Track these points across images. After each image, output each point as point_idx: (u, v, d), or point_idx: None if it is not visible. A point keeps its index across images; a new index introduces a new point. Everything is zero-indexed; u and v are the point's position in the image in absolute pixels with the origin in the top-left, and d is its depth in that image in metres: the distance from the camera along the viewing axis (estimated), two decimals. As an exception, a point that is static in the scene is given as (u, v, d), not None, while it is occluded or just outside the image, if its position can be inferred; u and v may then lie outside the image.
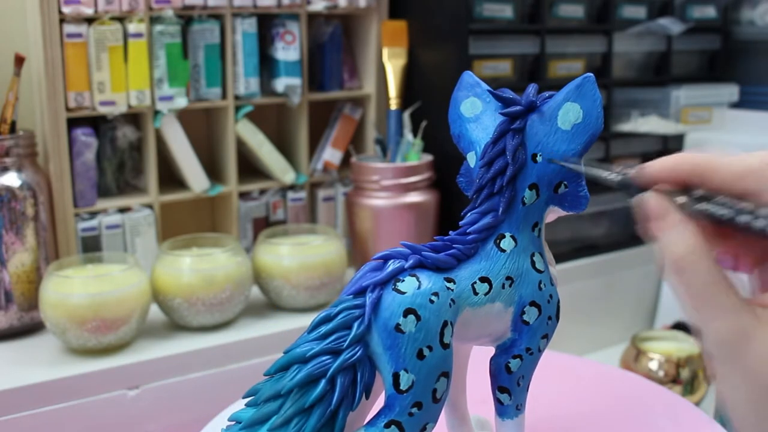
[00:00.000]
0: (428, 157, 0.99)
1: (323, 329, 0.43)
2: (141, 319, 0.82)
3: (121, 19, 0.88)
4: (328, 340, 0.43)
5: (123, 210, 0.92)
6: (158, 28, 0.89)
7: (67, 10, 0.84)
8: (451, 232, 0.48)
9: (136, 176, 0.97)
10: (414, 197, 0.96)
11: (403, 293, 0.43)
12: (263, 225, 1.01)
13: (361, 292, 0.44)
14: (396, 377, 0.42)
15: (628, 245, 1.13)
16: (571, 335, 1.05)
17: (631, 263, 1.12)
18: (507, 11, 0.98)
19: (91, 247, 0.90)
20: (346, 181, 1.06)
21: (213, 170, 1.01)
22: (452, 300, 0.45)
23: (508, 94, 0.50)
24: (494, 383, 0.50)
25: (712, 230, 0.38)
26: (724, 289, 0.35)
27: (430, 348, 0.43)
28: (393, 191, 0.95)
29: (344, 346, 0.42)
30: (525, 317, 0.48)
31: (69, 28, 0.85)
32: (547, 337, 0.49)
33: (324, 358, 0.42)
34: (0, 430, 0.73)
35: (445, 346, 0.43)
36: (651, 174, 0.40)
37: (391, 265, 0.44)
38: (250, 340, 0.84)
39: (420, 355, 0.42)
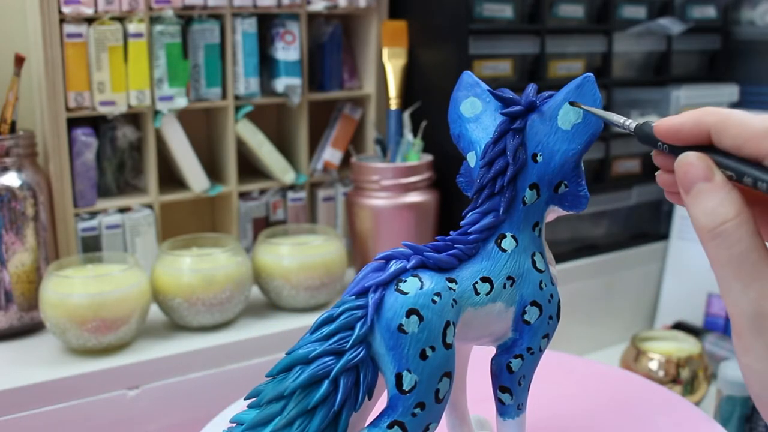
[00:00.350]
0: (428, 157, 0.99)
1: (326, 330, 0.43)
2: (141, 319, 0.82)
3: (121, 19, 0.88)
4: (330, 341, 0.43)
5: (123, 210, 0.92)
6: (158, 28, 0.89)
7: (67, 10, 0.84)
8: (451, 232, 0.48)
9: (136, 176, 0.97)
10: (414, 197, 0.96)
11: (406, 293, 0.43)
12: (263, 225, 1.01)
13: (363, 293, 0.44)
14: (399, 378, 0.42)
15: (628, 245, 1.13)
16: (571, 335, 1.05)
17: (631, 263, 1.12)
18: (507, 11, 0.98)
19: (91, 247, 0.90)
20: (346, 181, 1.06)
21: (213, 170, 1.01)
22: (454, 300, 0.45)
23: (508, 94, 0.50)
24: (495, 383, 0.50)
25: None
26: (766, 257, 0.33)
27: (432, 348, 0.43)
28: (393, 191, 0.95)
29: (347, 346, 0.42)
30: (526, 317, 0.48)
31: (69, 28, 0.85)
32: (548, 336, 0.49)
33: (327, 359, 0.42)
34: (0, 430, 0.73)
35: (448, 347, 0.43)
36: (674, 125, 0.38)
37: (393, 266, 0.44)
38: (250, 340, 0.84)
39: (423, 356, 0.42)
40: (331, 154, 1.04)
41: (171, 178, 0.99)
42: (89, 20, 0.86)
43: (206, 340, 0.84)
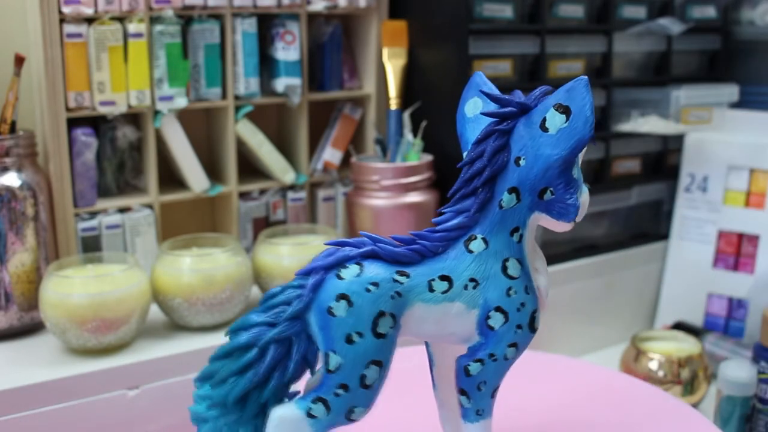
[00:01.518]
0: (428, 157, 0.99)
1: (269, 303, 0.47)
2: (141, 319, 0.82)
3: (121, 19, 0.88)
4: (269, 313, 0.46)
5: (123, 210, 0.92)
6: (158, 28, 0.89)
7: (67, 10, 0.84)
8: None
9: (136, 176, 0.97)
10: (414, 197, 0.96)
11: (342, 279, 0.45)
12: (263, 225, 1.01)
13: (309, 273, 0.47)
14: (326, 357, 0.45)
15: (628, 245, 1.13)
16: (571, 335, 1.05)
17: (631, 263, 1.12)
18: (507, 11, 0.98)
19: (91, 247, 0.90)
20: (346, 181, 1.06)
21: (213, 170, 1.01)
22: (398, 293, 0.46)
23: (518, 96, 0.49)
24: (456, 383, 0.49)
25: None
26: None
27: (360, 335, 0.45)
28: (393, 191, 0.95)
29: (280, 320, 0.46)
30: (490, 322, 0.47)
31: (69, 28, 0.85)
32: (516, 346, 0.48)
33: (262, 328, 0.46)
34: (0, 430, 0.73)
35: (379, 336, 0.45)
36: None
37: (341, 252, 0.46)
38: (250, 340, 0.84)
39: (348, 340, 0.45)
40: (331, 154, 1.04)
41: (171, 178, 0.99)
42: (89, 20, 0.86)
43: (206, 340, 0.84)
